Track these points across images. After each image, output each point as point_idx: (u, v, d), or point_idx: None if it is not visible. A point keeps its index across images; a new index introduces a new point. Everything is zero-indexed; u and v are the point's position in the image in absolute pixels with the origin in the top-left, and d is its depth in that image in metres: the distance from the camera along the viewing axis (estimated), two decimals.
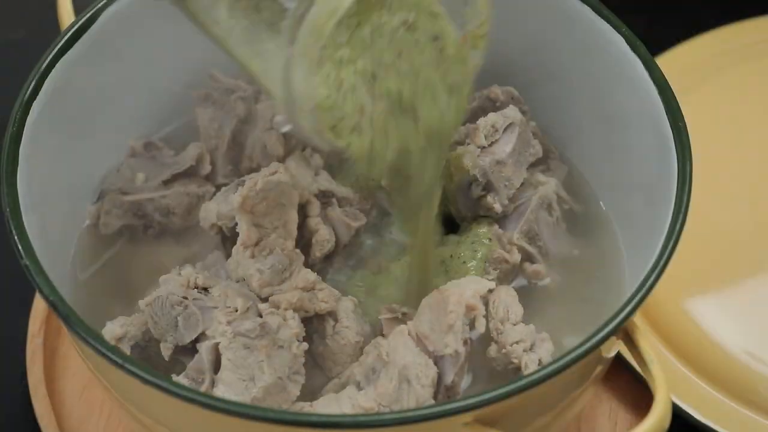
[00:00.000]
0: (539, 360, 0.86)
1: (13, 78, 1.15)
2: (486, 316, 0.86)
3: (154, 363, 0.88)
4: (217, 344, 0.84)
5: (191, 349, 0.86)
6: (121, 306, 0.91)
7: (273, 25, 0.78)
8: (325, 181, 0.95)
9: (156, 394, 0.77)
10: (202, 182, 0.98)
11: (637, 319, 0.84)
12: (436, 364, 0.84)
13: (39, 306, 1.05)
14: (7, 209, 0.85)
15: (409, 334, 0.85)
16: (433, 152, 0.84)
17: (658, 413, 0.77)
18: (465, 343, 0.84)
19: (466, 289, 0.85)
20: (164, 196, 0.97)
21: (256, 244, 0.89)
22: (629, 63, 0.93)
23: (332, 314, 0.89)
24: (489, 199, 0.94)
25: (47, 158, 0.92)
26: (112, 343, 0.86)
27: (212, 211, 0.93)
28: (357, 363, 0.87)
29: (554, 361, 0.78)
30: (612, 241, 0.96)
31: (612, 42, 0.94)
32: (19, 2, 1.33)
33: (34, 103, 0.90)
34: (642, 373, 0.82)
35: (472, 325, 0.85)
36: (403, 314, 0.88)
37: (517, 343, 0.87)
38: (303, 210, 0.93)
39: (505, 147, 0.95)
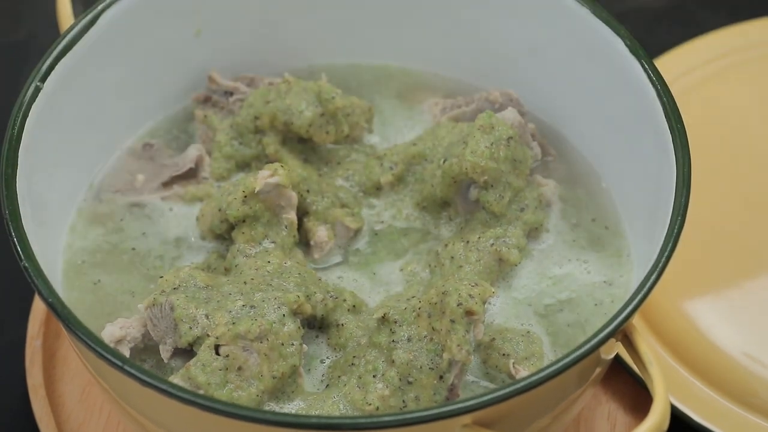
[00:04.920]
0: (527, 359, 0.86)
1: (13, 79, 1.15)
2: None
3: (154, 365, 0.88)
4: (216, 346, 0.84)
5: (190, 352, 0.86)
6: (120, 308, 0.91)
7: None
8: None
9: (155, 396, 0.77)
10: (202, 184, 0.98)
11: (636, 321, 0.85)
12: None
13: (38, 308, 1.05)
14: (7, 212, 0.85)
15: (408, 336, 0.85)
16: None
17: (657, 415, 0.77)
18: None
19: (467, 293, 0.85)
20: (164, 197, 0.97)
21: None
22: (628, 65, 0.93)
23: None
24: (489, 199, 0.93)
25: (46, 160, 0.92)
26: (112, 345, 0.86)
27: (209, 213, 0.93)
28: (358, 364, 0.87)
29: (553, 363, 0.78)
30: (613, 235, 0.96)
31: (611, 44, 0.94)
32: (20, 4, 1.33)
33: (34, 105, 0.90)
34: (641, 375, 0.82)
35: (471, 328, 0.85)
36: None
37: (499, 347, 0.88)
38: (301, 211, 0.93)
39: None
